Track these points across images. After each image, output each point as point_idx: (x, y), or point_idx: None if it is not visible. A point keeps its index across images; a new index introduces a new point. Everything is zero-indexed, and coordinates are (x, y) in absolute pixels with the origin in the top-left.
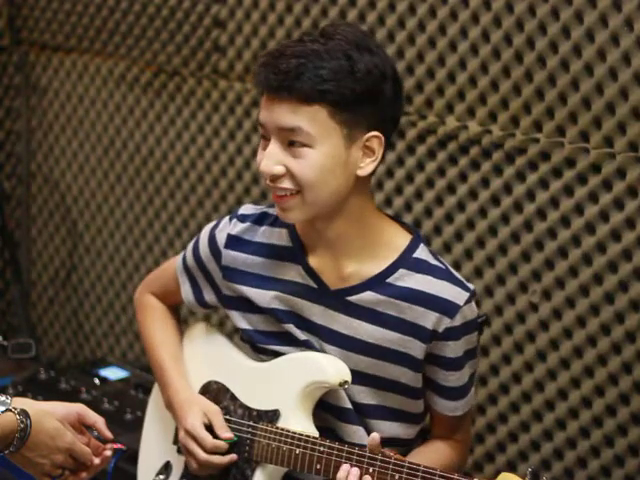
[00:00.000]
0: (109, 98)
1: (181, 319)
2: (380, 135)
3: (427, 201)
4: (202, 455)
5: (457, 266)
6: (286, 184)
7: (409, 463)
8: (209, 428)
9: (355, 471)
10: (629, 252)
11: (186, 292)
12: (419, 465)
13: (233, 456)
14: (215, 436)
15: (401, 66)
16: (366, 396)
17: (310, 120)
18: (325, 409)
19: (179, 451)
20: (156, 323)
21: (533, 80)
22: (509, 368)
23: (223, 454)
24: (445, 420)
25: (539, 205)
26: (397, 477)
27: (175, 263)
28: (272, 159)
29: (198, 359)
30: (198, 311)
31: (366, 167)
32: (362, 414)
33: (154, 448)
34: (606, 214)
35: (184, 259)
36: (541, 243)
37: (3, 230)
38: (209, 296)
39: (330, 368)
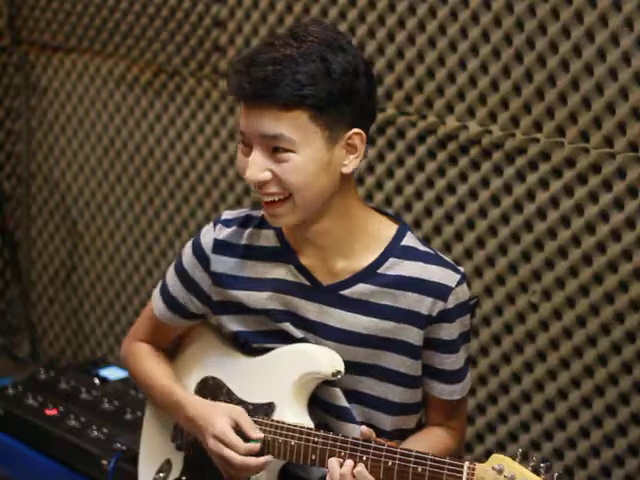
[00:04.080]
0: (109, 98)
1: None
2: (360, 131)
3: (427, 201)
4: (238, 459)
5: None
6: (273, 189)
7: (401, 449)
8: (237, 430)
9: (349, 462)
10: (629, 252)
11: (169, 318)
12: (411, 451)
13: (269, 457)
14: (244, 437)
15: (401, 66)
16: (366, 387)
17: (291, 126)
18: (323, 408)
19: (178, 448)
20: (148, 360)
21: (533, 80)
22: (509, 368)
23: (257, 455)
24: (442, 405)
25: (539, 205)
26: (390, 463)
27: (151, 303)
28: (256, 166)
29: (194, 356)
30: (186, 325)
31: (350, 164)
32: (364, 405)
33: (154, 446)
34: (606, 214)
35: (163, 286)
36: (541, 243)
37: (3, 230)
38: (194, 305)
39: (322, 359)
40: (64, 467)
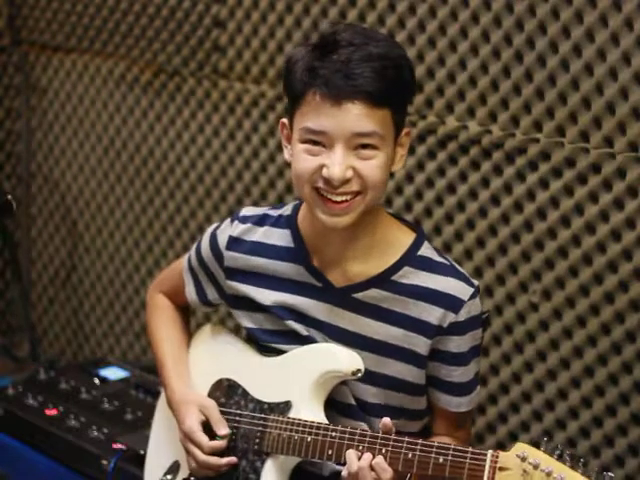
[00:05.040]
0: (109, 98)
1: (193, 321)
2: (409, 130)
3: (427, 201)
4: (201, 456)
5: None
6: (354, 187)
7: (422, 441)
8: (207, 424)
9: (367, 455)
10: (629, 252)
11: (189, 291)
12: (433, 442)
13: (232, 459)
14: (213, 431)
15: None
16: (370, 395)
17: (381, 123)
18: (329, 405)
19: None
20: (161, 321)
21: (533, 80)
22: (509, 368)
23: (222, 454)
24: (448, 416)
25: (539, 205)
26: (410, 455)
27: (182, 263)
28: (343, 164)
29: (208, 359)
30: (201, 310)
31: (399, 162)
32: (365, 411)
33: (162, 447)
34: (606, 214)
35: (189, 259)
36: (541, 243)
37: (3, 230)
38: (212, 295)
39: (342, 357)
40: (64, 467)
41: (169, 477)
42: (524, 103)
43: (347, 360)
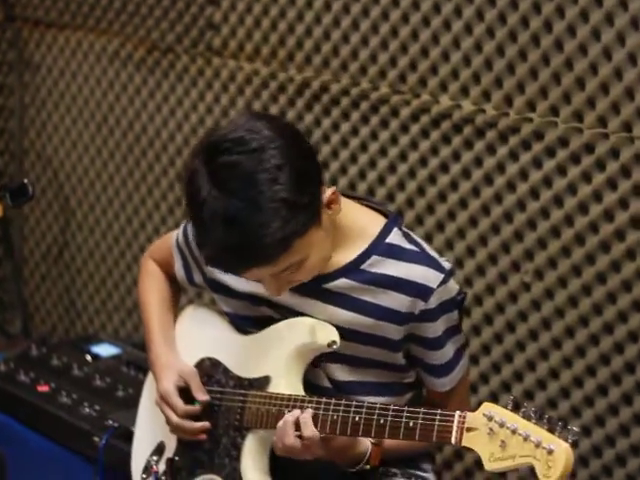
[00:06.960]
0: (102, 75)
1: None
2: (332, 189)
3: (420, 180)
4: (174, 418)
5: (450, 245)
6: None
7: (394, 406)
8: (186, 390)
9: (296, 412)
10: (622, 232)
11: (178, 269)
12: (403, 407)
13: (205, 423)
14: (192, 397)
15: (395, 45)
16: (344, 373)
17: (296, 252)
18: (305, 388)
19: (173, 432)
20: (151, 287)
21: (527, 60)
22: (501, 347)
23: (198, 419)
24: (437, 395)
25: (532, 185)
26: (382, 421)
27: (172, 239)
28: (278, 290)
29: (191, 339)
30: (189, 288)
31: (335, 211)
32: (342, 391)
33: (148, 428)
34: (599, 194)
35: (177, 238)
36: (534, 223)
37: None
38: (197, 277)
39: (318, 329)
40: (55, 444)
41: (155, 458)
42: (518, 83)
43: (322, 332)
